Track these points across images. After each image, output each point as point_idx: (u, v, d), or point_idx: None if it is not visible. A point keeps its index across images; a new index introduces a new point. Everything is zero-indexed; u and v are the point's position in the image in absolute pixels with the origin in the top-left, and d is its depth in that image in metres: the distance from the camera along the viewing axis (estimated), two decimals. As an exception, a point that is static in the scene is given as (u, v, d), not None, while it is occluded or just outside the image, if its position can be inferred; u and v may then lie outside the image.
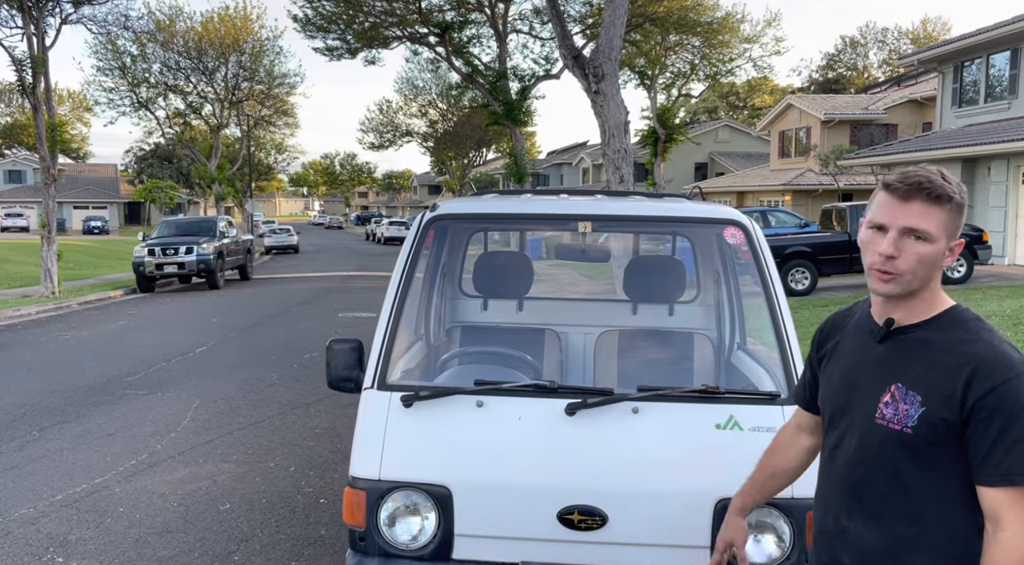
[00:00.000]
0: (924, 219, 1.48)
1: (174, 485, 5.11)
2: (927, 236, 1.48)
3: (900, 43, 53.16)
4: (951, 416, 1.44)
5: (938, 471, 1.48)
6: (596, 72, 11.12)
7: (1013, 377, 1.41)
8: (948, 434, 1.45)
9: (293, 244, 36.97)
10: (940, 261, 1.50)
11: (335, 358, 2.84)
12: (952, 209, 1.49)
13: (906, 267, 1.49)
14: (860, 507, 1.57)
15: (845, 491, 1.60)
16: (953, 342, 1.48)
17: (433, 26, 26.73)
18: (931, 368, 1.48)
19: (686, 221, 3.39)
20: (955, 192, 1.49)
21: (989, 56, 19.53)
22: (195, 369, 8.86)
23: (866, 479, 1.55)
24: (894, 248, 1.48)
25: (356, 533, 2.54)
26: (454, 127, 49.74)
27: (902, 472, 1.50)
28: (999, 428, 1.40)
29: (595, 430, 2.52)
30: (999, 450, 1.40)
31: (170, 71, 36.94)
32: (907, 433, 1.48)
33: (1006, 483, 1.40)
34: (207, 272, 18.43)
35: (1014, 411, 1.40)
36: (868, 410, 1.55)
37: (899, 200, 1.50)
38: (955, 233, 1.51)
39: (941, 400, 1.45)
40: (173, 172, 56.14)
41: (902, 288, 1.51)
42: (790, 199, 28.77)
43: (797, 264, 14.35)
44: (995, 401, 1.40)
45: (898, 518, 1.51)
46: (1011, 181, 17.28)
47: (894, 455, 1.50)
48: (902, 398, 1.50)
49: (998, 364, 1.42)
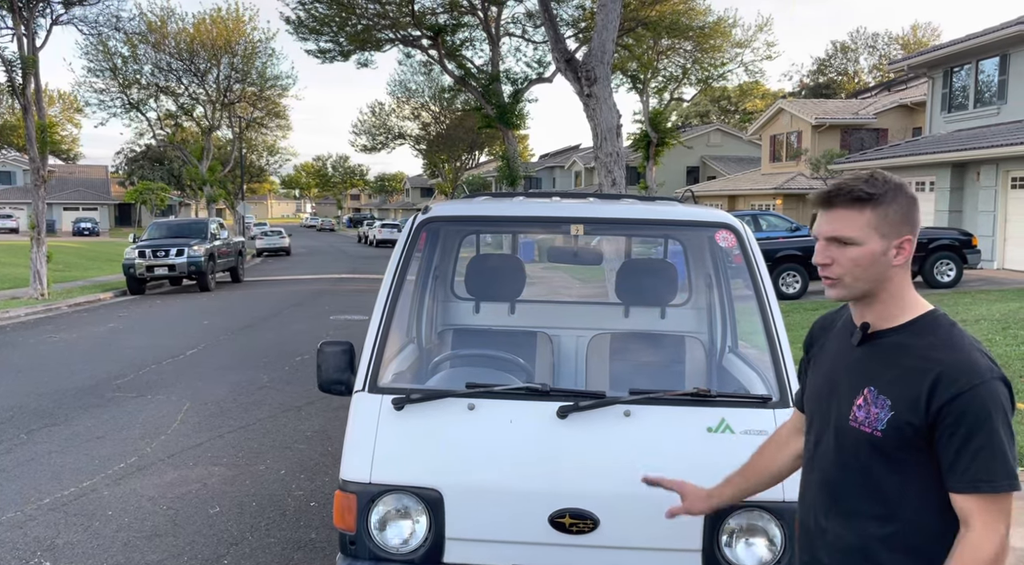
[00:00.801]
0: (843, 224, 1.51)
1: (163, 488, 5.08)
2: (851, 240, 1.50)
3: (890, 48, 53.50)
4: (917, 421, 1.45)
5: (909, 473, 1.49)
6: (589, 75, 11.14)
7: (979, 384, 1.42)
8: (916, 438, 1.47)
9: (285, 246, 36.86)
10: (881, 261, 1.51)
11: (326, 361, 2.83)
12: (877, 208, 1.49)
13: (841, 271, 1.53)
14: (837, 507, 1.59)
15: (823, 491, 1.62)
16: (925, 347, 1.49)
17: (426, 29, 26.73)
18: (901, 373, 1.50)
19: (678, 224, 3.40)
20: (875, 191, 1.49)
21: (978, 62, 19.68)
22: (185, 372, 8.81)
23: (841, 480, 1.58)
24: (823, 256, 1.55)
25: (346, 537, 2.52)
26: (447, 130, 49.77)
27: (874, 474, 1.52)
28: (963, 436, 1.42)
29: (587, 433, 2.52)
30: (964, 458, 1.42)
31: (161, 72, 36.83)
32: (877, 436, 1.50)
33: (971, 490, 1.42)
34: (198, 274, 18.35)
35: (979, 419, 1.41)
36: (843, 412, 1.57)
37: (823, 210, 1.55)
38: (892, 231, 1.50)
39: (908, 405, 1.47)
40: (164, 174, 55.95)
41: (847, 292, 1.55)
42: (781, 203, 28.88)
43: (788, 268, 14.39)
44: (960, 408, 1.41)
45: (872, 518, 1.53)
46: (1000, 186, 17.39)
47: (866, 457, 1.53)
48: (873, 402, 1.51)
49: (964, 371, 1.43)
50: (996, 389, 1.44)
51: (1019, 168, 16.84)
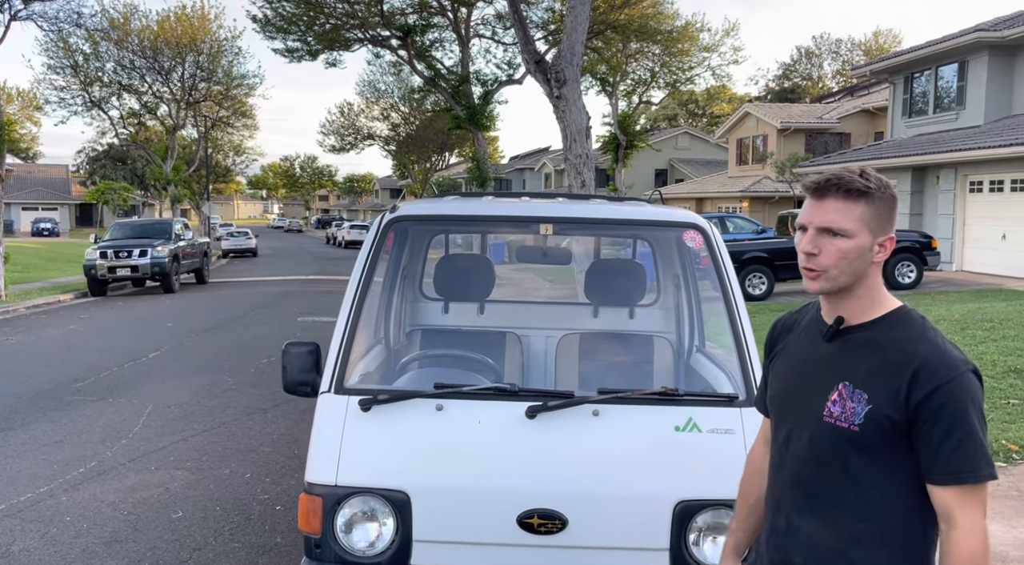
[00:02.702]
0: (838, 215, 1.50)
1: (124, 493, 4.97)
2: (843, 232, 1.50)
3: (853, 54, 54.55)
4: (896, 414, 1.46)
5: (886, 467, 1.49)
6: (558, 77, 11.16)
7: (957, 376, 1.44)
8: (894, 431, 1.47)
9: (251, 247, 36.37)
10: (866, 256, 1.52)
11: (291, 362, 2.78)
12: (870, 203, 1.50)
13: (828, 263, 1.51)
14: (810, 505, 1.58)
15: (796, 489, 1.61)
16: (898, 341, 1.50)
17: (395, 29, 26.59)
18: (877, 367, 1.50)
19: (646, 224, 3.41)
20: (871, 186, 1.50)
21: (938, 68, 20.13)
22: (148, 374, 8.64)
23: (816, 477, 1.56)
24: (812, 245, 1.52)
25: (312, 540, 2.48)
26: (416, 131, 49.55)
27: (851, 469, 1.52)
28: (944, 428, 1.42)
29: (555, 433, 2.51)
30: (946, 450, 1.43)
31: (124, 70, 36.14)
32: (854, 431, 1.50)
33: (954, 482, 1.42)
34: (161, 275, 18.03)
35: (958, 410, 1.42)
36: (817, 408, 1.56)
37: (815, 199, 1.54)
38: (879, 227, 1.52)
39: (886, 398, 1.47)
40: (127, 173, 54.89)
41: (830, 285, 1.54)
42: (747, 205, 29.25)
43: (754, 269, 14.57)
44: (939, 401, 1.42)
45: (848, 515, 1.53)
46: (959, 189, 17.81)
47: (843, 452, 1.52)
48: (849, 396, 1.51)
49: (941, 364, 1.45)
50: (971, 381, 1.45)
51: (977, 172, 17.26)
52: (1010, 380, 6.85)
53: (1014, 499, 4.50)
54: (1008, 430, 5.59)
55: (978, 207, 17.51)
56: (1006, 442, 5.32)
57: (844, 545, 1.53)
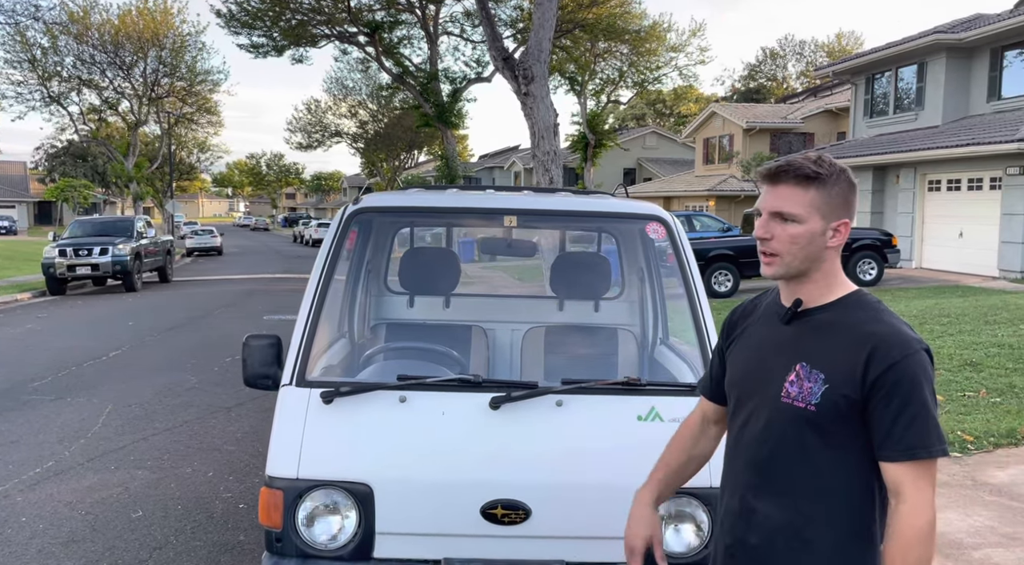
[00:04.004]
0: (788, 201, 1.53)
1: (82, 493, 4.86)
2: (793, 217, 1.52)
3: (817, 55, 55.45)
4: (852, 393, 1.48)
5: (841, 447, 1.52)
6: (526, 74, 11.18)
7: (911, 354, 1.46)
8: (850, 411, 1.49)
9: (216, 246, 35.85)
10: (818, 241, 1.54)
11: (252, 354, 2.75)
12: (821, 188, 1.53)
13: (781, 248, 1.54)
14: (767, 486, 1.59)
15: (752, 471, 1.62)
16: (855, 322, 1.53)
17: (362, 26, 26.42)
18: (833, 347, 1.52)
19: (609, 216, 3.42)
20: (821, 172, 1.53)
21: (898, 69, 20.55)
22: (108, 373, 8.47)
23: (773, 458, 1.58)
24: (764, 230, 1.55)
25: (273, 534, 2.45)
26: (385, 128, 49.26)
27: (808, 449, 1.53)
28: (899, 405, 1.45)
29: (519, 424, 2.51)
30: (900, 426, 1.45)
31: (84, 65, 35.43)
32: (811, 411, 1.52)
33: (908, 458, 1.45)
34: (123, 274, 17.67)
35: (912, 387, 1.45)
36: (774, 390, 1.58)
37: (769, 185, 1.57)
38: (831, 212, 1.54)
39: (843, 377, 1.49)
40: (88, 170, 53.69)
41: (784, 269, 1.56)
42: (714, 204, 29.59)
43: (720, 267, 14.74)
44: (894, 377, 1.45)
45: (804, 495, 1.55)
46: (918, 188, 18.20)
47: (799, 432, 1.54)
48: (806, 376, 1.53)
49: (896, 342, 1.47)
50: (924, 359, 1.48)
51: (935, 172, 17.66)
52: (966, 373, 7.02)
53: (968, 488, 4.61)
54: (964, 421, 5.72)
55: (936, 206, 17.92)
56: (961, 433, 5.45)
57: (798, 524, 1.54)
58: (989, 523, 4.10)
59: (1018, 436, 5.40)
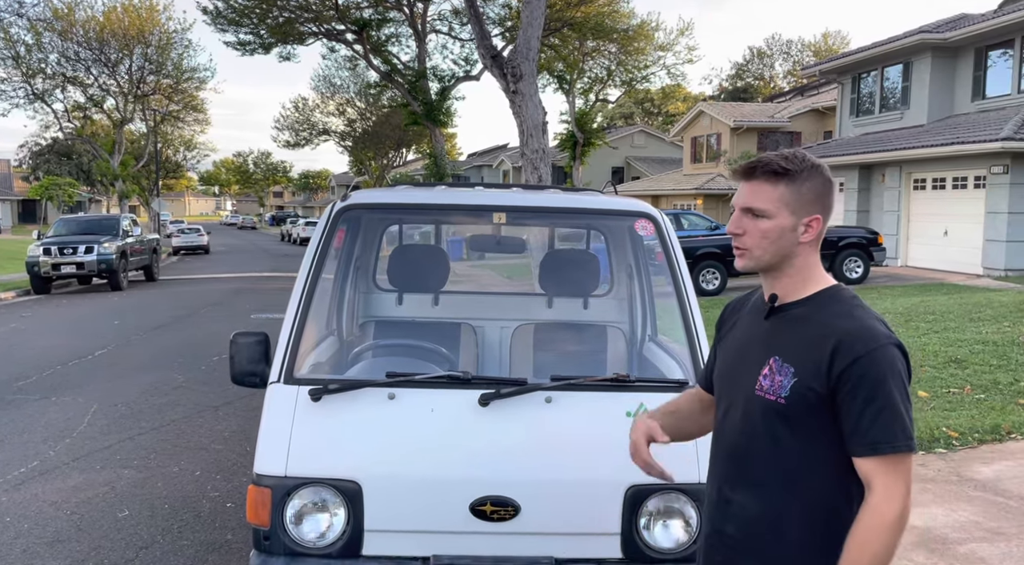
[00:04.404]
0: (757, 197, 1.56)
1: (67, 493, 4.82)
2: (763, 212, 1.55)
3: (803, 55, 55.71)
4: (819, 387, 1.50)
5: (811, 440, 1.53)
6: (514, 72, 11.17)
7: (877, 348, 1.47)
8: (818, 404, 1.51)
9: (203, 244, 35.62)
10: (788, 236, 1.56)
11: (239, 352, 2.73)
12: (791, 184, 1.54)
13: (751, 243, 1.58)
14: (742, 478, 1.62)
15: (729, 462, 1.65)
16: (826, 317, 1.55)
17: (350, 23, 26.32)
18: (804, 341, 1.54)
19: (598, 213, 3.43)
20: (790, 168, 1.54)
21: (884, 69, 20.68)
22: (94, 373, 8.40)
23: (748, 450, 1.61)
24: (736, 225, 1.59)
25: (260, 532, 2.44)
26: (373, 127, 49.06)
27: (779, 441, 1.56)
28: (864, 399, 1.46)
29: (508, 420, 2.51)
30: (865, 421, 1.46)
31: (69, 62, 35.09)
32: (781, 403, 1.54)
33: (872, 453, 1.46)
34: (109, 272, 17.54)
35: (877, 381, 1.46)
36: (750, 383, 1.61)
37: (744, 181, 1.60)
38: (801, 208, 1.55)
39: (810, 371, 1.51)
40: (72, 169, 53.19)
41: (754, 263, 1.60)
42: (702, 203, 29.68)
43: (708, 265, 14.80)
44: (859, 371, 1.46)
45: (776, 487, 1.57)
46: (903, 187, 18.33)
47: (771, 425, 1.56)
48: (778, 370, 1.55)
49: (863, 336, 1.49)
50: (892, 354, 1.48)
51: (920, 170, 17.79)
52: (951, 370, 7.08)
53: (954, 484, 4.65)
54: (948, 418, 5.77)
55: (922, 204, 18.05)
56: (947, 429, 5.49)
57: (772, 515, 1.57)
58: (974, 518, 4.13)
59: (1002, 432, 5.45)
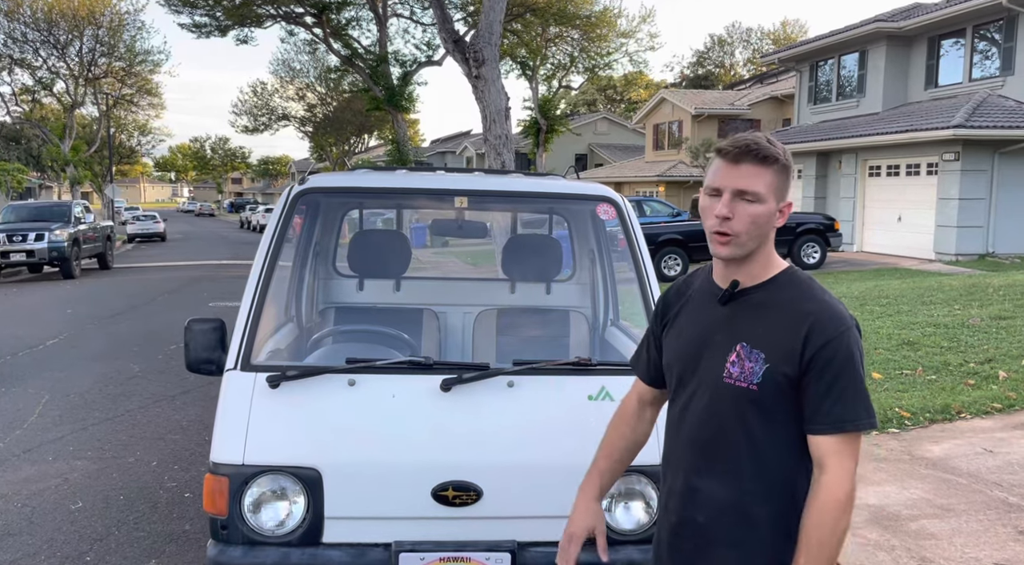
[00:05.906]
0: (753, 180, 1.53)
1: (18, 485, 4.69)
2: (757, 197, 1.53)
3: (763, 43, 56.33)
4: (791, 371, 1.51)
5: (779, 423, 1.55)
6: (476, 57, 11.08)
7: (844, 331, 1.51)
8: (789, 388, 1.52)
9: (159, 232, 34.85)
10: (772, 221, 1.57)
11: (194, 339, 2.68)
12: (778, 171, 1.56)
13: (741, 228, 1.53)
14: (710, 466, 1.61)
15: (695, 451, 1.63)
16: (791, 301, 1.56)
17: (309, 6, 25.85)
18: (772, 326, 1.55)
19: (560, 197, 3.42)
20: (780, 154, 1.56)
21: (840, 57, 21.02)
22: (45, 363, 8.18)
23: (716, 438, 1.60)
24: (728, 209, 1.53)
25: (218, 521, 2.40)
26: (334, 112, 48.36)
27: (751, 428, 1.56)
28: (830, 379, 1.48)
29: (470, 405, 2.50)
30: (829, 400, 1.49)
31: (15, 43, 33.88)
32: (753, 390, 1.54)
33: (835, 431, 1.48)
34: (60, 260, 17.07)
35: (845, 362, 1.49)
36: (716, 371, 1.59)
37: (730, 164, 1.54)
38: (783, 195, 1.58)
39: (783, 356, 1.52)
40: (21, 154, 51.48)
41: (740, 250, 1.56)
42: (663, 189, 29.93)
43: (669, 251, 14.95)
44: (828, 354, 1.49)
45: (745, 473, 1.57)
46: (859, 173, 18.70)
47: (743, 412, 1.56)
48: (747, 356, 1.55)
49: (831, 320, 1.51)
50: (855, 334, 1.53)
51: (876, 157, 18.16)
52: (904, 352, 7.26)
53: (905, 462, 4.77)
54: (901, 398, 5.92)
55: (877, 191, 18.44)
56: (899, 409, 5.63)
57: (741, 502, 1.57)
58: (925, 495, 4.25)
59: (952, 412, 5.61)
